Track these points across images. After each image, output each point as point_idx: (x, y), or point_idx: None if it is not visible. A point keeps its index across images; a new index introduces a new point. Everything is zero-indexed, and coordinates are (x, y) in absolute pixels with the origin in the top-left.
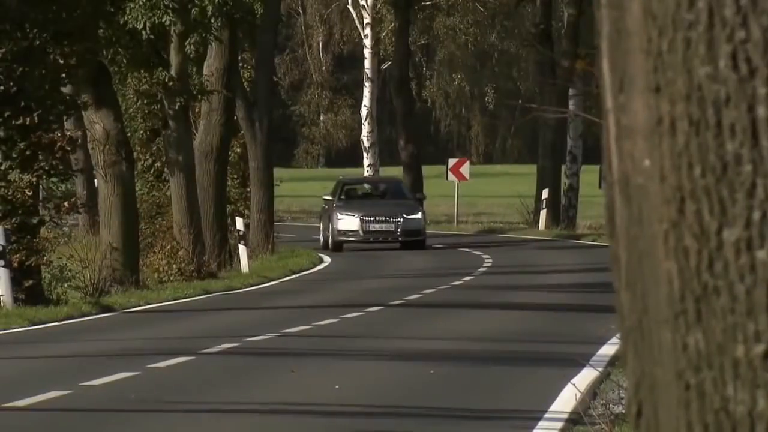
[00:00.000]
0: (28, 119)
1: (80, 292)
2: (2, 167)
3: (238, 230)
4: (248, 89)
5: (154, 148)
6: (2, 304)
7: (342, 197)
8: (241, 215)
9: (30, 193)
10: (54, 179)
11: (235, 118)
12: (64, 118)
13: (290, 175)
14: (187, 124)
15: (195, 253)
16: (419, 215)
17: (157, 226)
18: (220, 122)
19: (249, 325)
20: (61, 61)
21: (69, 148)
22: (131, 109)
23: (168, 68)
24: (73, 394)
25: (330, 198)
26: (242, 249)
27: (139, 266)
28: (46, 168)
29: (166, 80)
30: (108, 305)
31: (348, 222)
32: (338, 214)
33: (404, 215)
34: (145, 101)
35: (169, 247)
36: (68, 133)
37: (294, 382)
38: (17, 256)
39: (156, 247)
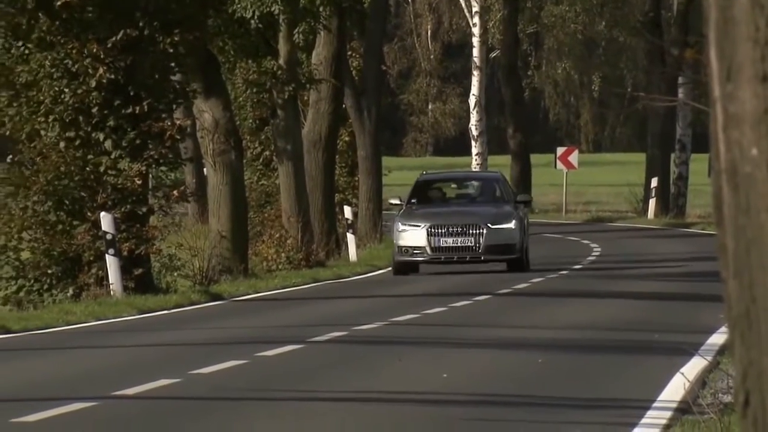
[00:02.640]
0: (137, 108)
1: (189, 281)
2: (112, 156)
3: (347, 219)
4: (357, 78)
5: (263, 137)
6: (112, 292)
7: (413, 201)
8: (350, 204)
9: (139, 182)
10: (163, 168)
11: (344, 106)
12: (174, 107)
13: (398, 164)
14: (296, 113)
15: (303, 242)
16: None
17: (266, 214)
18: (329, 111)
19: (357, 313)
20: (170, 50)
21: (178, 137)
22: (240, 98)
23: (276, 57)
24: (181, 382)
25: (397, 202)
26: (350, 237)
27: (248, 255)
28: (156, 157)
29: (275, 69)
30: (217, 294)
31: (412, 236)
32: (400, 225)
33: (488, 225)
34: (254, 90)
35: (277, 235)
36: (177, 122)
37: (402, 371)
38: (127, 244)
39: (264, 235)
